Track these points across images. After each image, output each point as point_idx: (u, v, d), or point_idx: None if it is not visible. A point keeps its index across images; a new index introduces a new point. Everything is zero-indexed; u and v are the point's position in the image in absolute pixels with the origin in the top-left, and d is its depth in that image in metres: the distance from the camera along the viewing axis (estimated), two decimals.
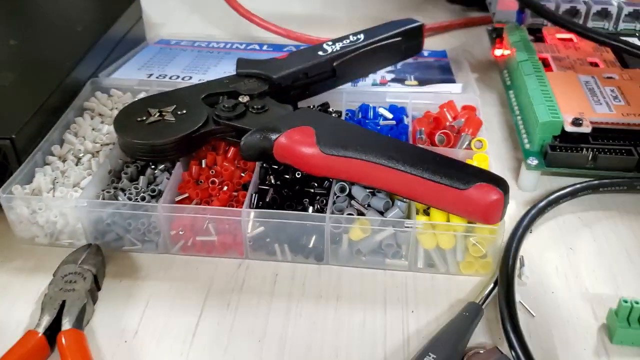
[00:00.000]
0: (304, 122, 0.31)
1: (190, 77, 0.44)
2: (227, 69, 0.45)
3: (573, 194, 0.35)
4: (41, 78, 0.38)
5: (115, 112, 0.37)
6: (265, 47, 0.50)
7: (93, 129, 0.37)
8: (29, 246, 0.33)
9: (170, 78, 0.44)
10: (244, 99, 0.35)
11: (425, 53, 0.49)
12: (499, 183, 0.28)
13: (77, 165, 0.34)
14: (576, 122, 0.35)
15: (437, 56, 0.49)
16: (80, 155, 0.35)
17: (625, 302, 0.26)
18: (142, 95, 0.40)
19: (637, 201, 0.35)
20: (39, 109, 0.35)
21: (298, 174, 0.33)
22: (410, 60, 0.46)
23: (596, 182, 0.35)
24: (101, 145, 0.36)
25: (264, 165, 0.34)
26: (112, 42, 0.45)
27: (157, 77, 0.44)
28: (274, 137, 0.31)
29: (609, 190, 0.35)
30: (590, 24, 0.46)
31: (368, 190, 0.31)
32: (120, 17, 0.46)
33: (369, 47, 0.39)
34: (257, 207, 0.32)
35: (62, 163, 0.34)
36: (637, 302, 0.26)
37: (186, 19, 0.57)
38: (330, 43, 0.38)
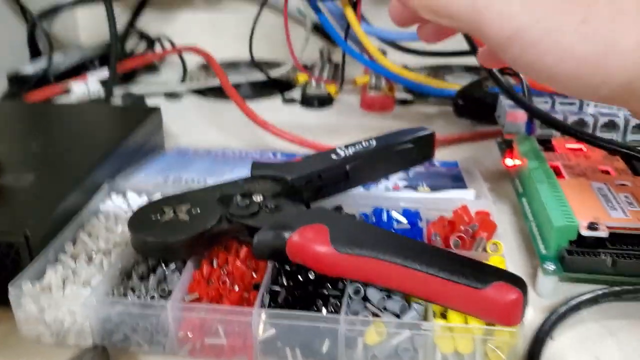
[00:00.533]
0: (318, 220, 0.31)
1: (206, 180, 0.45)
2: (242, 173, 0.46)
3: (594, 301, 0.34)
4: (59, 180, 0.39)
5: (129, 214, 0.37)
6: (279, 155, 0.52)
7: (107, 230, 0.37)
8: (34, 346, 0.32)
9: (185, 182, 0.45)
10: (257, 198, 0.35)
11: (437, 163, 0.50)
12: (518, 282, 0.27)
13: (88, 264, 0.34)
14: (592, 226, 0.34)
15: (449, 166, 0.50)
16: (93, 254, 0.35)
17: None
18: (157, 196, 0.41)
19: None
20: (54, 209, 0.36)
21: (311, 275, 0.32)
22: (421, 169, 0.47)
23: (618, 288, 0.34)
24: (114, 245, 0.36)
25: (277, 265, 0.33)
26: (130, 149, 0.46)
27: (173, 182, 0.45)
28: (287, 234, 0.31)
29: (633, 298, 0.34)
30: (600, 134, 0.47)
31: (384, 293, 0.31)
32: (140, 126, 0.48)
33: (381, 152, 0.40)
34: (269, 307, 0.31)
35: (74, 261, 0.34)
36: None
37: (205, 130, 0.59)
38: (343, 147, 0.39)
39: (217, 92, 0.67)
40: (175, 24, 0.80)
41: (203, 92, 0.68)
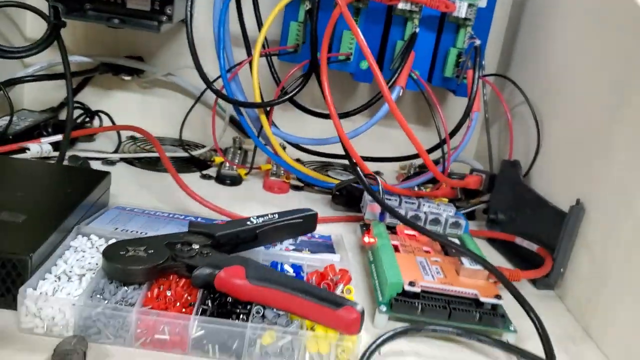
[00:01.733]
0: (238, 263, 0.48)
1: (146, 233, 0.60)
2: (173, 229, 0.62)
3: (404, 332, 0.52)
4: (45, 220, 0.53)
5: (93, 250, 0.52)
6: (199, 219, 0.68)
7: (77, 260, 0.51)
8: (30, 335, 0.45)
9: (131, 232, 0.59)
10: (195, 246, 0.51)
11: (317, 235, 0.68)
12: (358, 308, 0.45)
13: (68, 281, 0.48)
14: (411, 284, 0.54)
15: (324, 238, 0.68)
16: (71, 275, 0.49)
17: None
18: (113, 240, 0.55)
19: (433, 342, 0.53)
20: (45, 240, 0.50)
21: (229, 299, 0.48)
22: (305, 238, 0.65)
23: (419, 326, 0.53)
24: (86, 270, 0.50)
25: (205, 292, 0.49)
26: (89, 204, 0.60)
27: (122, 230, 0.59)
28: (216, 271, 0.47)
29: (431, 333, 0.53)
30: (428, 227, 0.67)
31: (276, 312, 0.47)
32: (97, 186, 0.62)
33: (280, 223, 0.57)
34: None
35: (58, 279, 0.48)
36: None
37: (136, 193, 0.74)
38: (255, 217, 0.56)
39: (144, 163, 0.82)
40: (110, 100, 0.95)
41: (131, 162, 0.83)
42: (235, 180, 0.81)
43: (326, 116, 0.79)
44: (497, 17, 0.84)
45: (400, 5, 0.76)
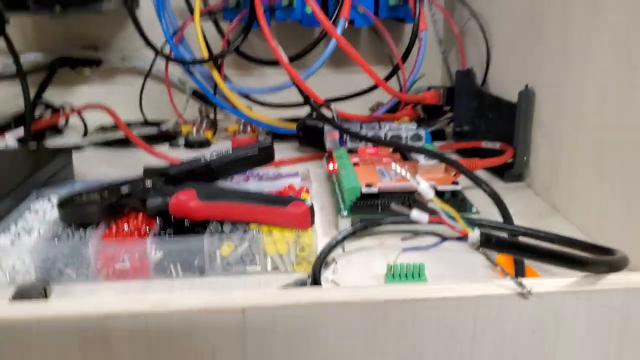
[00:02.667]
0: (188, 187, 0.49)
1: None
2: None
3: (364, 228, 0.52)
4: (2, 190, 0.54)
5: (54, 212, 0.53)
6: None
7: (37, 219, 0.52)
8: None
9: None
10: (148, 183, 0.52)
11: (284, 173, 0.68)
12: (306, 202, 0.46)
13: (29, 236, 0.49)
14: (368, 185, 0.54)
15: (291, 175, 0.68)
16: (31, 230, 0.50)
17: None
18: None
19: None
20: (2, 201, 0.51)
21: (186, 223, 0.49)
22: (271, 175, 0.65)
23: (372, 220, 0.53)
24: (46, 225, 0.51)
25: (161, 220, 0.50)
26: (49, 173, 0.61)
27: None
28: (168, 198, 0.48)
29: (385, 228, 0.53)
30: None
31: (232, 225, 0.48)
32: (55, 159, 0.63)
33: (234, 156, 0.58)
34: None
35: (18, 235, 0.49)
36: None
37: (107, 171, 0.74)
38: (209, 153, 0.57)
39: (114, 145, 0.83)
40: (74, 96, 0.96)
41: (101, 146, 0.84)
42: (204, 144, 0.82)
43: (262, 62, 0.80)
44: None
45: None
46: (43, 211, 0.54)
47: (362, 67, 0.69)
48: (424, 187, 0.38)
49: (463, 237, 0.37)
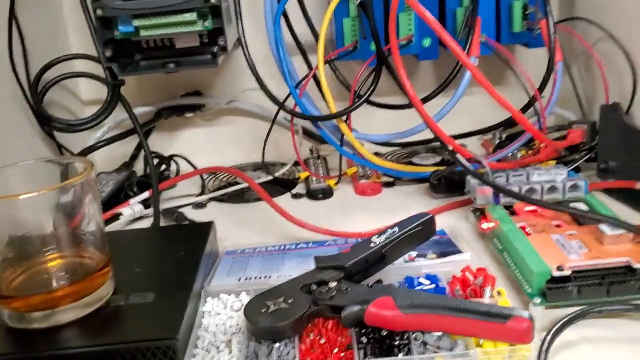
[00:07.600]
0: (384, 294, 0.46)
1: (270, 276, 0.58)
2: (292, 264, 0.60)
3: (570, 322, 0.49)
4: (173, 294, 0.52)
5: (228, 310, 0.51)
6: (310, 244, 0.66)
7: (216, 325, 0.50)
8: None
9: (255, 279, 0.58)
10: (331, 284, 0.49)
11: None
12: (526, 316, 0.42)
13: (218, 352, 0.47)
14: (560, 268, 0.50)
15: (439, 234, 0.65)
16: (217, 344, 0.48)
17: None
18: (243, 294, 0.54)
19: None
20: (182, 316, 0.49)
21: (383, 332, 0.46)
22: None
23: (584, 308, 0.50)
24: (230, 334, 0.49)
25: (356, 329, 0.47)
26: (205, 259, 0.59)
27: (245, 280, 0.58)
28: (365, 307, 0.46)
29: (596, 315, 0.49)
30: (546, 197, 0.64)
31: (435, 336, 0.45)
32: (207, 239, 0.61)
33: (403, 236, 0.55)
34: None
35: (208, 352, 0.47)
36: None
37: (237, 231, 0.72)
38: (377, 236, 0.54)
39: (232, 197, 0.81)
40: (179, 142, 0.94)
41: (220, 199, 0.81)
42: (327, 193, 0.79)
43: (393, 107, 0.77)
44: None
45: None
46: (218, 314, 0.52)
47: (506, 107, 0.65)
48: None
49: None
